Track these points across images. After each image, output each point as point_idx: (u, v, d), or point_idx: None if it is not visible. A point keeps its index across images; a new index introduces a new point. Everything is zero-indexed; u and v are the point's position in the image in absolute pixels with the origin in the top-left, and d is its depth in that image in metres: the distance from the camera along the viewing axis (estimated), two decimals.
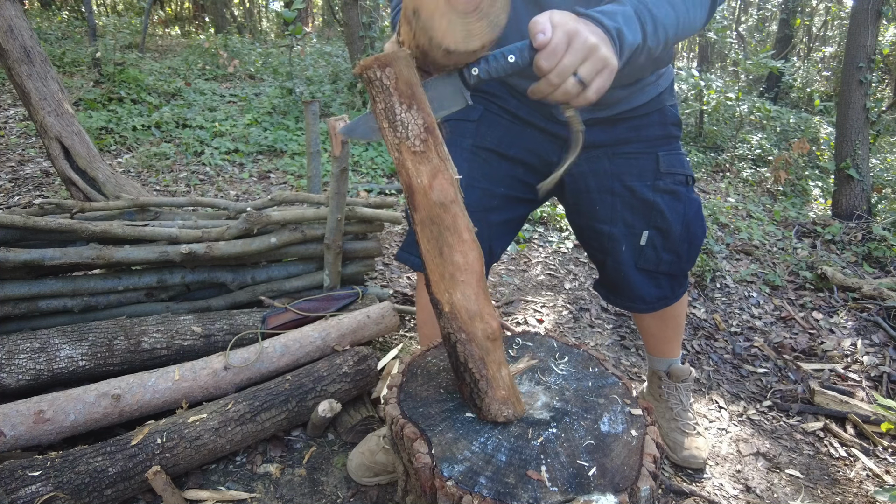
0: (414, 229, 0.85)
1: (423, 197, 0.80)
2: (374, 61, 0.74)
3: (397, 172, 0.83)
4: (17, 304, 1.69)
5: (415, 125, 0.77)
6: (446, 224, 0.81)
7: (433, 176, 0.79)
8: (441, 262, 0.83)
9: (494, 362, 0.88)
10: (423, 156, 0.78)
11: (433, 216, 0.81)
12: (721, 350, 2.42)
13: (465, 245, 0.83)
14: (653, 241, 1.33)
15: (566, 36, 0.80)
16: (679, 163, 1.32)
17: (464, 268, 0.83)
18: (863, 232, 3.81)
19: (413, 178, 0.80)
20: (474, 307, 0.85)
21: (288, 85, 5.58)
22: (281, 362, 1.64)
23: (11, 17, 2.44)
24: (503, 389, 0.90)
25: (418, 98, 0.76)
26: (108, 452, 1.27)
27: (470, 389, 0.91)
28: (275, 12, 13.36)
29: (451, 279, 0.84)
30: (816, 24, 11.74)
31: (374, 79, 0.75)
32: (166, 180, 3.74)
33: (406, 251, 1.33)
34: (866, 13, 4.02)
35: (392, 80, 0.74)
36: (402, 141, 0.78)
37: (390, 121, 0.77)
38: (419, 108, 0.76)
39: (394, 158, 0.81)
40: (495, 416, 0.91)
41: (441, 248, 0.83)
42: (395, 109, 0.76)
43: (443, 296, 0.85)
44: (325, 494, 1.44)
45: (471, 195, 1.26)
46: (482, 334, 0.86)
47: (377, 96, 0.76)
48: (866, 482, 1.67)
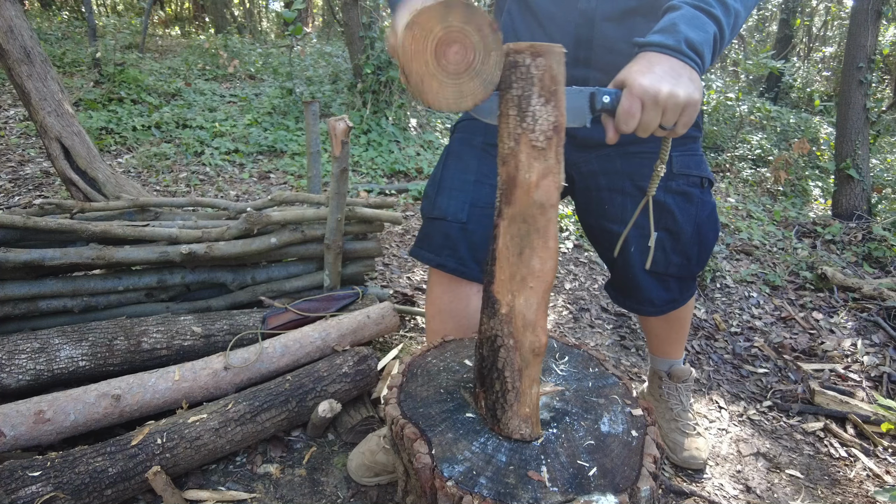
0: (497, 223, 0.81)
1: (524, 193, 0.77)
2: (528, 48, 0.72)
3: (501, 161, 0.78)
4: (17, 304, 1.69)
5: (545, 120, 0.74)
6: (538, 226, 0.79)
7: (543, 175, 0.76)
8: (517, 263, 0.81)
9: (529, 377, 0.86)
10: (542, 153, 0.75)
11: (527, 215, 0.78)
12: (721, 350, 2.42)
13: (547, 252, 0.80)
14: (662, 242, 1.31)
15: (639, 100, 0.83)
16: (695, 164, 1.29)
17: (538, 274, 0.81)
18: (863, 232, 3.81)
19: (521, 172, 0.76)
20: (532, 317, 0.83)
21: (288, 85, 5.59)
22: (281, 362, 1.64)
23: (12, 18, 2.44)
24: (528, 407, 0.87)
25: (558, 96, 0.74)
26: (108, 453, 1.27)
27: (495, 398, 0.88)
28: (275, 12, 13.37)
29: (521, 282, 0.81)
30: (816, 24, 11.75)
31: (520, 63, 0.72)
32: (166, 180, 3.74)
33: (419, 247, 1.32)
34: (866, 13, 4.02)
35: (540, 70, 0.72)
36: (526, 132, 0.75)
37: (520, 109, 0.74)
38: (556, 105, 0.74)
39: (504, 147, 0.77)
40: (512, 431, 0.88)
41: (523, 248, 0.80)
42: (532, 100, 0.73)
43: (505, 296, 0.83)
44: (326, 495, 1.44)
45: (481, 192, 1.26)
46: (529, 346, 0.84)
47: (515, 82, 0.73)
48: (866, 482, 1.67)
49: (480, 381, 0.92)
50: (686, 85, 0.84)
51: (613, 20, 1.11)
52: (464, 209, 1.24)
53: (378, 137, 4.91)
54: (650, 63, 0.86)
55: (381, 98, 5.19)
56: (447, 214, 1.25)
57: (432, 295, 1.34)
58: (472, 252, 1.25)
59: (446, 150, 1.34)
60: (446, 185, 1.28)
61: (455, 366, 1.08)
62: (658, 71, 0.84)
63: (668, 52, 0.87)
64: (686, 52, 0.87)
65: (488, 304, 0.86)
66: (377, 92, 5.17)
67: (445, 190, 1.28)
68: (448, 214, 1.25)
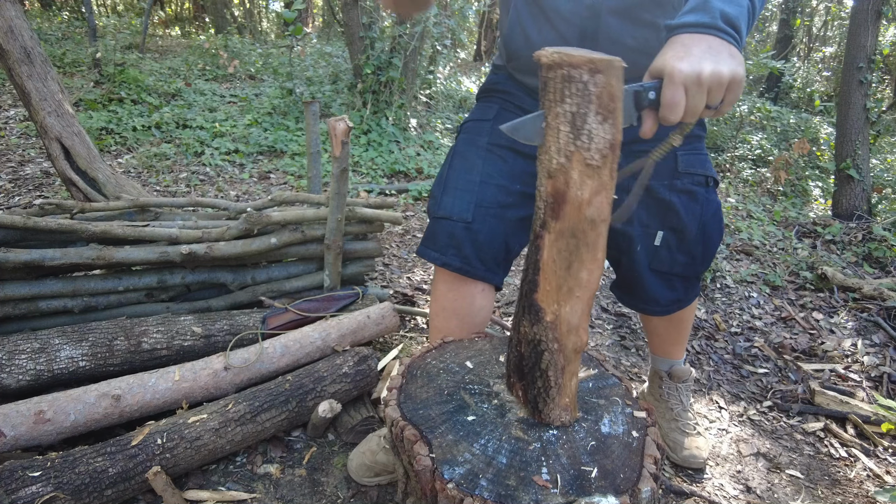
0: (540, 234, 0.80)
1: (574, 210, 0.76)
2: (586, 62, 0.68)
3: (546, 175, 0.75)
4: (17, 304, 1.69)
5: (601, 139, 0.71)
6: (588, 241, 0.78)
7: (596, 192, 0.74)
8: (565, 275, 0.81)
9: (570, 372, 0.88)
10: (596, 171, 0.73)
11: (577, 230, 0.77)
12: (721, 350, 2.42)
13: (595, 264, 0.80)
14: (667, 241, 1.32)
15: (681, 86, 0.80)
16: (699, 163, 1.30)
17: (585, 285, 0.81)
18: (863, 232, 3.81)
19: (572, 189, 0.74)
20: (576, 322, 0.84)
21: (288, 85, 5.58)
22: (281, 363, 1.64)
23: (12, 18, 2.44)
24: (568, 397, 0.90)
25: (616, 113, 0.71)
26: (108, 453, 1.27)
27: (537, 392, 0.91)
28: (275, 13, 13.36)
29: (568, 292, 0.81)
30: (816, 24, 11.74)
31: (575, 79, 0.69)
32: (166, 181, 3.74)
33: (425, 245, 1.33)
34: (866, 13, 4.02)
35: (598, 87, 0.69)
36: (580, 150, 0.72)
37: (575, 127, 0.71)
38: (613, 123, 0.71)
39: (551, 161, 0.75)
40: (553, 419, 0.91)
41: (571, 262, 0.79)
42: (588, 118, 0.70)
43: (551, 305, 0.83)
44: (326, 495, 1.44)
45: (486, 192, 1.26)
46: (572, 346, 0.85)
47: (570, 97, 0.70)
48: (867, 482, 1.67)
49: (519, 376, 0.93)
50: (728, 61, 0.81)
51: (618, 14, 1.11)
52: (469, 209, 1.25)
53: (378, 138, 4.91)
54: (685, 46, 0.83)
55: (381, 98, 5.18)
56: (452, 214, 1.26)
57: (437, 293, 1.34)
58: (477, 251, 1.26)
59: (452, 151, 1.35)
60: (451, 184, 1.29)
61: (455, 367, 1.08)
62: (696, 52, 0.81)
63: (703, 31, 0.84)
64: (722, 27, 0.83)
65: (531, 311, 0.86)
66: (377, 92, 5.17)
67: (450, 190, 1.28)
68: (453, 214, 1.26)
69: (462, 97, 7.17)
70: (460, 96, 7.17)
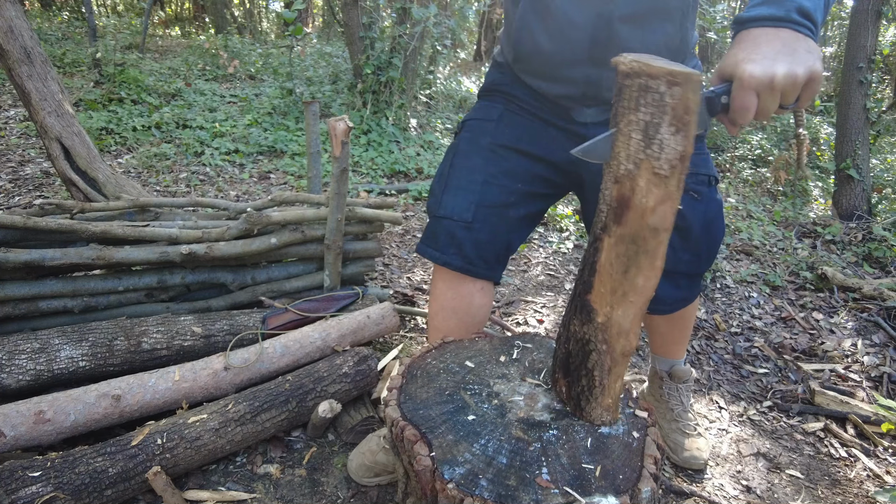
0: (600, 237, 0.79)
1: (637, 217, 0.76)
2: (665, 74, 0.68)
3: (613, 180, 0.76)
4: (17, 304, 1.69)
5: (672, 150, 0.71)
6: (648, 248, 0.78)
7: (661, 201, 0.74)
8: (621, 279, 0.81)
9: (616, 374, 0.89)
10: (664, 180, 0.73)
11: (638, 237, 0.77)
12: (721, 350, 2.42)
13: (653, 271, 0.80)
14: (672, 240, 1.32)
15: (753, 92, 0.77)
16: (702, 162, 1.30)
17: (640, 290, 0.81)
18: (863, 232, 3.81)
19: (637, 196, 0.74)
20: (627, 326, 0.84)
21: (288, 85, 5.58)
22: (281, 363, 1.64)
23: (12, 18, 2.44)
24: (611, 398, 0.91)
25: (689, 126, 0.71)
26: (108, 453, 1.27)
27: (580, 390, 0.92)
28: (275, 13, 13.36)
29: (623, 297, 0.82)
30: None
31: (652, 89, 0.69)
32: (166, 181, 3.74)
33: (425, 244, 1.33)
34: (866, 13, 4.02)
35: (675, 99, 0.69)
36: (650, 159, 0.72)
37: (647, 136, 0.71)
38: (685, 135, 0.71)
39: (619, 167, 0.75)
40: (595, 418, 0.92)
41: (629, 267, 0.80)
42: (661, 129, 0.70)
43: (603, 307, 0.84)
44: (326, 495, 1.44)
45: (489, 191, 1.26)
46: (620, 349, 0.86)
47: (645, 107, 0.70)
48: (867, 482, 1.67)
49: (565, 372, 0.94)
50: (804, 59, 0.76)
51: (629, 21, 1.11)
52: (470, 209, 1.25)
53: (378, 138, 4.91)
54: (756, 44, 0.79)
55: (381, 98, 5.18)
56: (453, 214, 1.26)
57: (436, 291, 1.34)
58: (478, 250, 1.26)
59: (453, 149, 1.34)
60: (453, 183, 1.29)
61: (455, 367, 1.08)
62: (767, 51, 0.77)
63: (776, 24, 0.80)
64: (797, 19, 0.79)
65: (583, 310, 0.87)
66: (377, 92, 5.17)
67: (452, 189, 1.28)
68: (454, 214, 1.26)
69: (462, 97, 7.16)
70: (460, 96, 7.17)
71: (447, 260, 1.27)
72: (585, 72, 1.17)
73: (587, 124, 1.26)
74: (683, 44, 1.19)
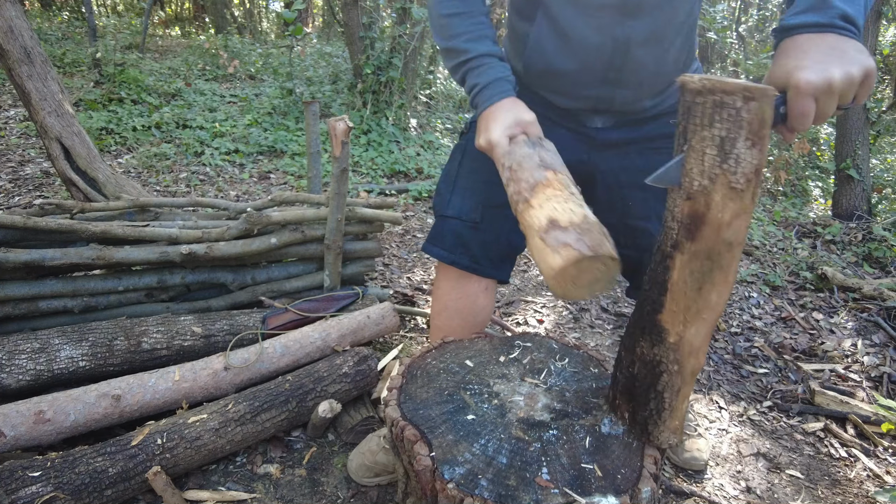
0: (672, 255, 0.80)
1: (713, 232, 0.75)
2: (741, 90, 0.69)
3: (685, 195, 0.76)
4: (17, 304, 1.69)
5: (748, 163, 0.71)
6: (723, 263, 0.77)
7: (736, 216, 0.74)
8: (695, 297, 0.80)
9: (684, 395, 0.87)
10: (739, 194, 0.73)
11: (713, 252, 0.76)
12: (721, 350, 2.42)
13: (726, 286, 0.79)
14: None
15: (811, 98, 0.77)
16: None
17: (713, 307, 0.80)
18: (863, 232, 3.81)
19: (714, 211, 0.74)
20: (698, 343, 0.83)
21: (288, 85, 5.58)
22: (281, 363, 1.64)
23: (12, 18, 2.44)
24: (678, 420, 0.89)
25: (764, 140, 0.71)
26: (108, 453, 1.27)
27: (648, 414, 0.89)
28: (275, 13, 13.36)
29: (696, 314, 0.81)
30: None
31: (728, 105, 0.69)
32: (166, 181, 3.74)
33: (432, 243, 1.33)
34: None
35: (751, 114, 0.69)
36: (726, 173, 0.72)
37: (723, 151, 0.71)
38: (761, 149, 0.72)
39: (693, 183, 0.75)
40: (662, 442, 0.90)
41: (703, 283, 0.79)
42: (738, 143, 0.70)
43: (676, 326, 0.83)
44: (326, 495, 1.44)
45: (493, 192, 1.26)
46: (690, 370, 0.85)
47: (720, 122, 0.71)
48: (867, 482, 1.67)
49: (628, 397, 0.92)
50: (856, 59, 0.77)
51: (646, 44, 1.12)
52: (477, 209, 1.25)
53: (378, 138, 4.91)
54: (803, 50, 0.79)
55: (381, 98, 5.18)
56: (461, 214, 1.26)
57: (439, 291, 1.34)
58: (485, 250, 1.26)
59: (461, 149, 1.34)
60: (461, 184, 1.29)
61: (455, 367, 1.08)
62: (818, 56, 0.78)
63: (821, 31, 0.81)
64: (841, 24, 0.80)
65: (653, 331, 0.85)
66: (377, 92, 5.17)
67: (459, 189, 1.28)
68: (462, 214, 1.26)
69: (462, 97, 7.16)
70: (460, 96, 7.17)
71: (454, 259, 1.27)
72: (598, 91, 1.18)
73: (598, 129, 1.27)
74: (690, 53, 1.21)
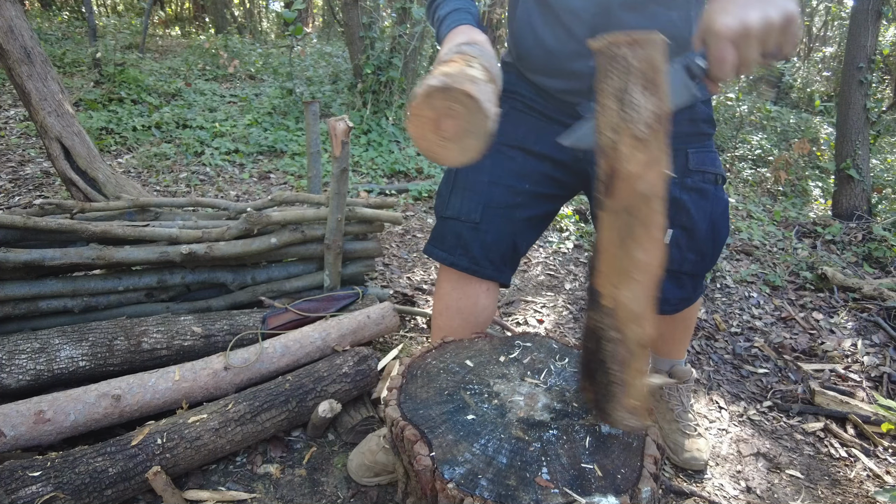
0: (598, 214, 0.79)
1: (626, 185, 0.75)
2: (625, 38, 0.70)
3: (600, 154, 0.77)
4: (17, 304, 1.69)
5: (647, 110, 0.72)
6: (641, 217, 0.77)
7: (647, 166, 0.74)
8: (620, 255, 0.79)
9: (636, 369, 0.85)
10: (645, 144, 0.73)
11: (630, 207, 0.76)
12: (721, 350, 2.42)
13: (652, 243, 0.78)
14: (677, 240, 1.31)
15: (729, 42, 0.77)
16: (709, 161, 1.29)
17: (642, 266, 0.79)
18: (863, 232, 3.81)
19: (623, 164, 0.74)
20: (637, 309, 0.81)
21: (288, 85, 5.58)
22: (281, 363, 1.64)
23: (12, 18, 2.44)
24: (634, 399, 0.86)
25: (660, 85, 0.72)
26: (108, 453, 1.27)
27: (600, 389, 0.88)
28: (275, 13, 13.36)
29: (625, 274, 0.80)
30: (816, 24, 11.74)
31: (617, 55, 0.70)
32: (166, 181, 3.74)
33: (433, 245, 1.32)
34: (866, 13, 4.02)
35: (640, 61, 0.70)
36: (628, 123, 0.73)
37: (620, 101, 0.72)
38: (658, 95, 0.72)
39: (603, 139, 0.75)
40: (617, 422, 0.88)
41: (625, 240, 0.78)
42: (633, 92, 0.71)
43: (608, 289, 0.81)
44: (326, 495, 1.44)
45: (495, 192, 1.26)
46: (634, 338, 0.83)
47: (614, 73, 0.72)
48: (867, 482, 1.67)
49: (586, 373, 0.91)
50: (776, 2, 0.76)
51: (630, 8, 1.11)
52: (477, 209, 1.25)
53: (378, 137, 4.91)
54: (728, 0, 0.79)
55: (381, 98, 5.18)
56: (460, 214, 1.26)
57: (440, 291, 1.34)
58: (485, 251, 1.26)
59: None
60: (460, 184, 1.29)
61: (455, 367, 1.08)
62: (740, 2, 0.78)
63: None
64: None
65: (592, 296, 0.84)
66: (377, 92, 5.17)
67: (459, 190, 1.28)
68: (461, 214, 1.26)
69: None
70: None
71: (454, 261, 1.27)
72: (588, 64, 1.16)
73: None
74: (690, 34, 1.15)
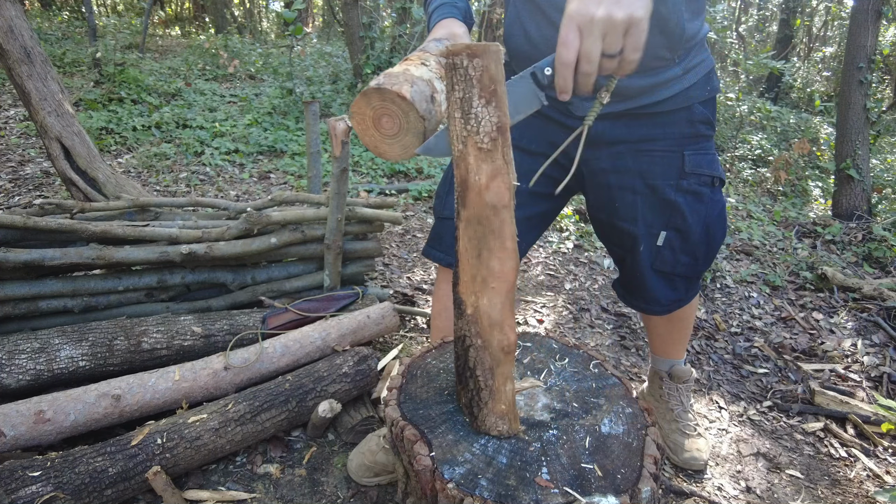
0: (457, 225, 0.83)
1: (476, 195, 0.78)
2: (464, 48, 0.71)
3: (454, 166, 0.80)
4: (17, 304, 1.69)
5: (488, 122, 0.74)
6: (493, 227, 0.79)
7: (492, 177, 0.76)
8: (476, 264, 0.82)
9: (502, 375, 0.87)
10: (489, 154, 0.75)
11: (481, 217, 0.79)
12: (721, 350, 2.42)
13: (505, 252, 0.81)
14: (670, 242, 1.31)
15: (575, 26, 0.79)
16: (707, 163, 1.28)
17: (498, 274, 0.81)
18: (863, 232, 3.81)
19: (471, 175, 0.77)
20: (497, 316, 0.83)
21: (288, 85, 5.58)
22: (281, 362, 1.64)
23: (12, 18, 2.44)
24: (503, 404, 0.88)
25: (499, 96, 0.74)
26: (108, 453, 1.27)
27: (471, 396, 0.89)
28: (275, 13, 13.36)
29: (483, 283, 0.82)
30: (816, 24, 11.74)
31: (458, 66, 0.72)
32: (166, 180, 3.74)
33: (431, 246, 1.33)
34: (866, 13, 4.02)
35: (478, 71, 0.72)
36: (471, 134, 0.75)
37: (464, 112, 0.74)
38: (497, 105, 0.74)
39: (454, 151, 0.78)
40: (489, 428, 0.89)
41: (480, 250, 0.81)
42: (473, 102, 0.73)
43: (469, 297, 0.84)
44: (326, 495, 1.44)
45: None
46: (497, 345, 0.85)
47: (457, 84, 0.74)
48: (866, 482, 1.67)
49: (458, 378, 0.93)
50: (626, 3, 0.77)
51: None
52: None
53: None
54: None
55: None
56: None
57: (439, 292, 1.35)
58: None
59: None
60: None
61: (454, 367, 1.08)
62: None
63: None
64: None
65: (457, 305, 0.87)
66: None
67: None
68: None
69: None
70: None
71: (451, 262, 1.27)
72: None
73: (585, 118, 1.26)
74: (680, 29, 1.14)
